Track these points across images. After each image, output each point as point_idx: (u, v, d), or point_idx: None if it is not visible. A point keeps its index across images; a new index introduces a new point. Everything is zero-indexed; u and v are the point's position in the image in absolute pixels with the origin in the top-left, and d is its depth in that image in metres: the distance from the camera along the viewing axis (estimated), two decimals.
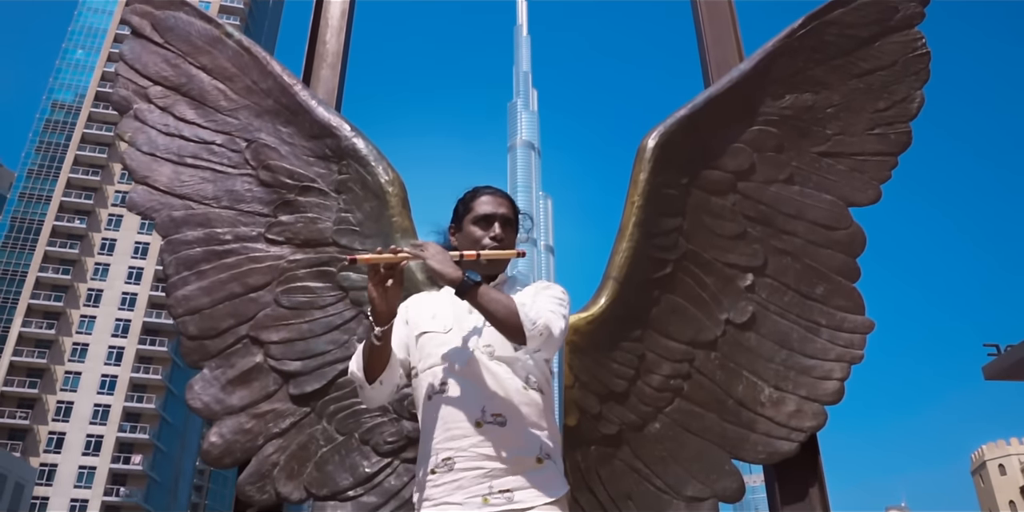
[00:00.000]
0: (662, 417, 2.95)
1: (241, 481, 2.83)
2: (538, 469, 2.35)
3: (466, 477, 2.31)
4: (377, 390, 2.45)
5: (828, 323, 3.07)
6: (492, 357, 2.42)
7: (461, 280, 2.29)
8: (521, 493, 2.30)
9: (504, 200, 2.64)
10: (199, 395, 2.94)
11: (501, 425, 2.35)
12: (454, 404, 2.39)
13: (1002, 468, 78.34)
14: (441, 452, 2.36)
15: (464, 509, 2.29)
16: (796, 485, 2.93)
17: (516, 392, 2.39)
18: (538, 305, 2.33)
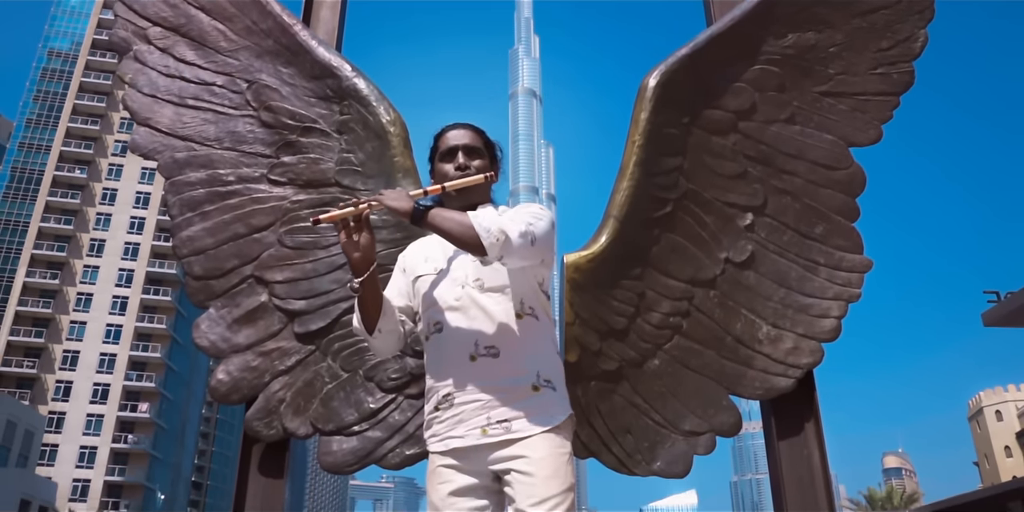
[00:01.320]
0: (661, 354, 3.00)
1: (249, 417, 2.89)
2: (535, 397, 2.39)
3: (465, 410, 2.37)
4: (380, 339, 2.50)
5: (826, 262, 3.09)
6: (483, 290, 2.45)
7: (412, 209, 2.30)
8: (519, 422, 2.35)
9: (467, 131, 2.65)
10: (206, 334, 2.99)
11: (495, 356, 2.39)
12: (449, 341, 2.43)
13: (999, 414, 79.18)
14: (441, 389, 2.42)
15: (465, 441, 2.36)
16: (792, 420, 2.99)
17: (508, 322, 2.43)
18: (500, 218, 2.34)
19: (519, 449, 2.33)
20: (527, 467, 2.31)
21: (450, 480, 2.36)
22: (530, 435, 2.34)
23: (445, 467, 2.38)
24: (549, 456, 2.33)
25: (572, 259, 2.94)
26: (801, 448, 2.93)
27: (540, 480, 2.30)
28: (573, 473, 2.39)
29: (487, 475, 2.37)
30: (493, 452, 2.35)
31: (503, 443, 2.35)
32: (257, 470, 2.88)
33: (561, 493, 2.30)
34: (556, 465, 2.33)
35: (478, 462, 2.37)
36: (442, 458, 2.40)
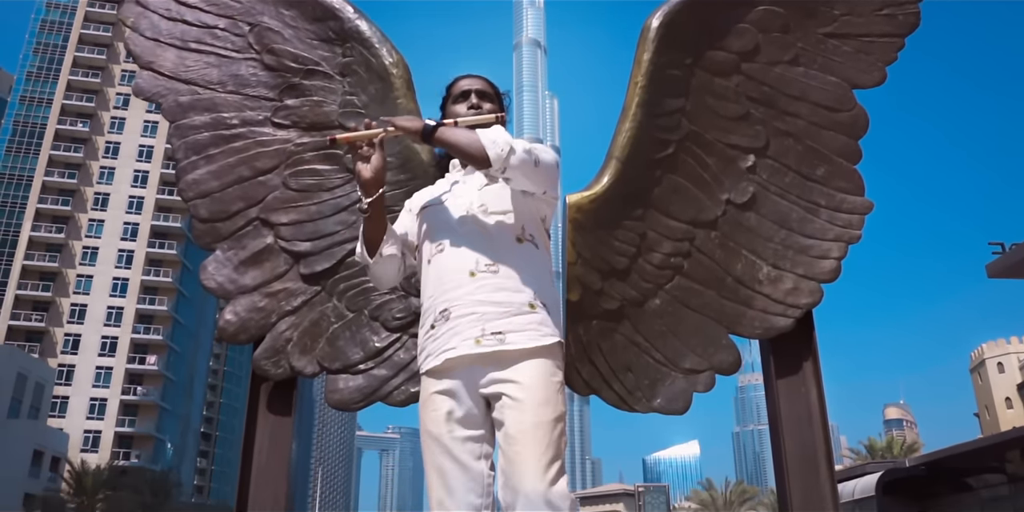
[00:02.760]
0: (662, 293, 3.04)
1: (257, 356, 2.95)
2: (530, 314, 2.44)
3: (461, 323, 2.42)
4: (381, 264, 2.56)
5: (827, 204, 3.11)
6: (486, 213, 2.52)
7: (423, 126, 2.41)
8: (513, 335, 2.39)
9: (479, 79, 2.76)
10: (213, 275, 3.03)
11: (494, 273, 2.45)
12: (450, 259, 2.49)
13: (1001, 366, 79.57)
14: (439, 305, 2.47)
15: (458, 351, 2.40)
16: (791, 360, 3.03)
17: (510, 245, 2.50)
18: (507, 135, 2.43)
19: (511, 373, 2.37)
20: (518, 393, 2.35)
21: (444, 407, 2.40)
22: (523, 348, 2.38)
23: (439, 394, 2.42)
24: (540, 383, 2.37)
25: (575, 199, 2.96)
26: (799, 387, 2.98)
27: (530, 407, 2.33)
28: (564, 402, 2.43)
29: (479, 401, 2.41)
30: (485, 372, 2.39)
31: (495, 359, 2.38)
32: (266, 408, 2.94)
33: (551, 420, 2.33)
34: (547, 392, 2.36)
35: (470, 382, 2.40)
36: (436, 383, 2.44)
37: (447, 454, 2.37)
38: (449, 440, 2.38)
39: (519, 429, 2.31)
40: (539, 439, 2.30)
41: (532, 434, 2.31)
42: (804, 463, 2.88)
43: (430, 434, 2.43)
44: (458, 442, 2.38)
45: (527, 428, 2.31)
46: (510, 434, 2.32)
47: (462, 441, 2.38)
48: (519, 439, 2.31)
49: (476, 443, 2.38)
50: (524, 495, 2.26)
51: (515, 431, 2.31)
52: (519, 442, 2.31)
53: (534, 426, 2.31)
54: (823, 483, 2.87)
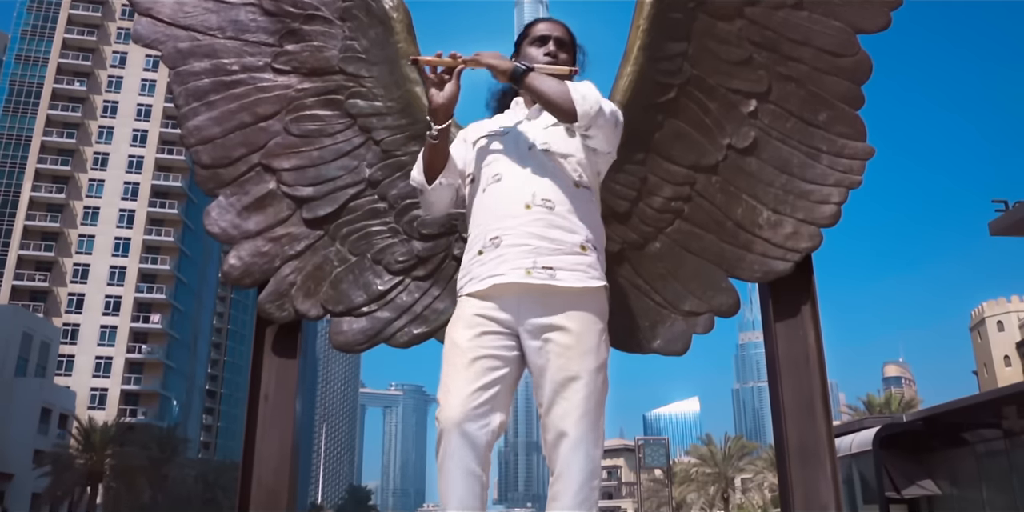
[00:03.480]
0: (662, 237, 3.06)
1: (261, 300, 2.98)
2: (582, 255, 2.47)
3: (512, 252, 2.43)
4: (437, 192, 2.60)
5: (829, 149, 3.11)
6: (547, 152, 2.54)
7: (514, 67, 2.44)
8: (563, 273, 2.42)
9: (562, 26, 2.76)
10: (216, 221, 3.05)
11: (550, 209, 2.47)
12: (507, 190, 2.51)
13: (1000, 325, 79.89)
14: (490, 232, 2.48)
15: (507, 278, 2.41)
16: (790, 303, 3.06)
17: (568, 186, 2.52)
18: (596, 91, 2.47)
19: (559, 319, 2.40)
20: (565, 339, 2.39)
21: (479, 327, 2.42)
22: (573, 287, 2.41)
23: (478, 315, 2.44)
24: (588, 330, 2.42)
25: None
26: (797, 329, 3.01)
27: (577, 354, 2.39)
28: (607, 348, 2.49)
29: (516, 340, 2.44)
30: (532, 311, 2.41)
31: (543, 293, 2.40)
32: (271, 351, 2.99)
33: (595, 369, 2.40)
34: (592, 341, 2.42)
35: (516, 316, 2.42)
36: (478, 304, 2.45)
37: (464, 357, 2.40)
38: (472, 350, 2.40)
39: (564, 376, 2.37)
40: (581, 389, 2.38)
41: (577, 382, 2.37)
42: (801, 405, 2.92)
43: (455, 343, 2.45)
44: (480, 357, 2.40)
45: (572, 376, 2.37)
46: (555, 380, 2.38)
47: (484, 358, 2.40)
48: (562, 387, 2.38)
49: (494, 369, 2.41)
50: (565, 440, 2.36)
51: (560, 378, 2.37)
52: (562, 391, 2.38)
53: (578, 374, 2.38)
54: (819, 425, 2.91)
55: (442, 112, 2.46)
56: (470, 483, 2.36)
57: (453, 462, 2.34)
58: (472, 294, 2.48)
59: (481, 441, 2.35)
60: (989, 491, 22.93)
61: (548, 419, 2.40)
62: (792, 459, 2.89)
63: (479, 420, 2.35)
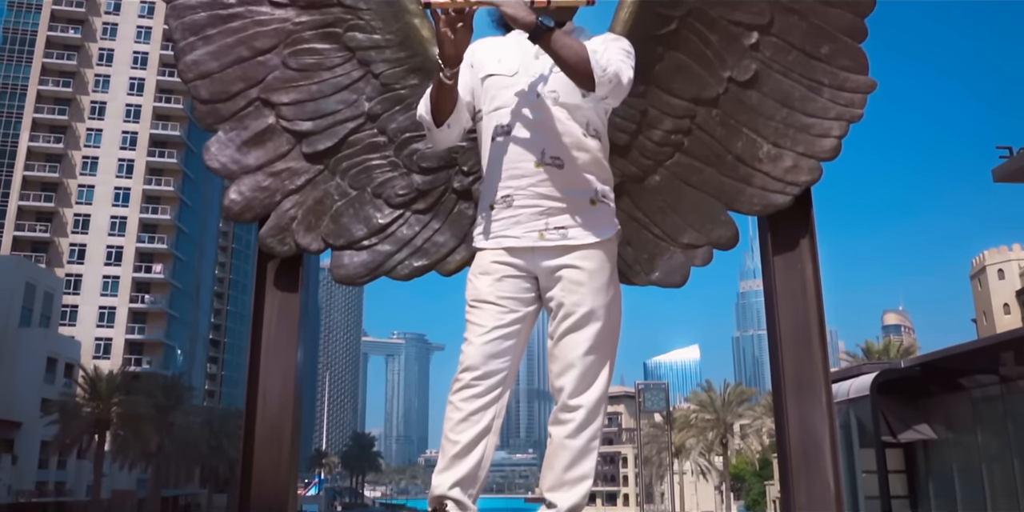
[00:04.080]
0: (662, 170, 3.06)
1: (263, 234, 3.00)
2: (592, 210, 2.52)
3: (524, 213, 2.49)
4: (445, 133, 2.59)
5: (830, 82, 3.09)
6: (556, 103, 2.52)
7: (535, 24, 2.34)
8: (574, 230, 2.48)
9: None
10: (216, 156, 3.05)
11: (559, 167, 2.49)
12: (517, 145, 2.52)
13: (1001, 273, 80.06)
14: (501, 190, 2.52)
15: (521, 242, 2.49)
16: (788, 236, 3.07)
17: (575, 137, 2.52)
18: (609, 54, 2.41)
19: (573, 259, 2.47)
20: (578, 276, 2.46)
21: (498, 273, 2.50)
22: (584, 244, 2.48)
23: (497, 263, 2.51)
24: (599, 269, 2.49)
25: None
26: (795, 262, 3.03)
27: (589, 291, 2.46)
28: (618, 285, 2.58)
29: (533, 282, 2.52)
30: (547, 259, 2.49)
31: (558, 249, 2.48)
32: (273, 285, 3.01)
33: (606, 304, 2.48)
34: (604, 279, 2.49)
35: (530, 265, 2.50)
36: (493, 254, 2.52)
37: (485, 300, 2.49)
38: (492, 294, 2.49)
39: (579, 313, 2.45)
40: (592, 324, 2.46)
41: (590, 317, 2.45)
42: (798, 337, 2.95)
43: (476, 289, 2.53)
44: (501, 298, 2.49)
45: (585, 312, 2.45)
46: (566, 315, 2.46)
47: (504, 299, 2.49)
48: (573, 322, 2.46)
49: (514, 310, 2.49)
50: (572, 371, 2.44)
51: (574, 315, 2.45)
52: (572, 325, 2.46)
53: (591, 310, 2.46)
54: (815, 357, 2.95)
55: (454, 57, 2.41)
56: (482, 419, 2.43)
57: (469, 390, 2.42)
58: (486, 248, 2.55)
59: (500, 374, 2.44)
60: (984, 436, 23.24)
61: (557, 350, 2.48)
62: (788, 390, 2.93)
63: (500, 355, 2.43)
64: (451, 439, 2.41)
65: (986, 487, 22.71)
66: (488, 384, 2.43)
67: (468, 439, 2.39)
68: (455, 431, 2.41)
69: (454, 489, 2.37)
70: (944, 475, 24.81)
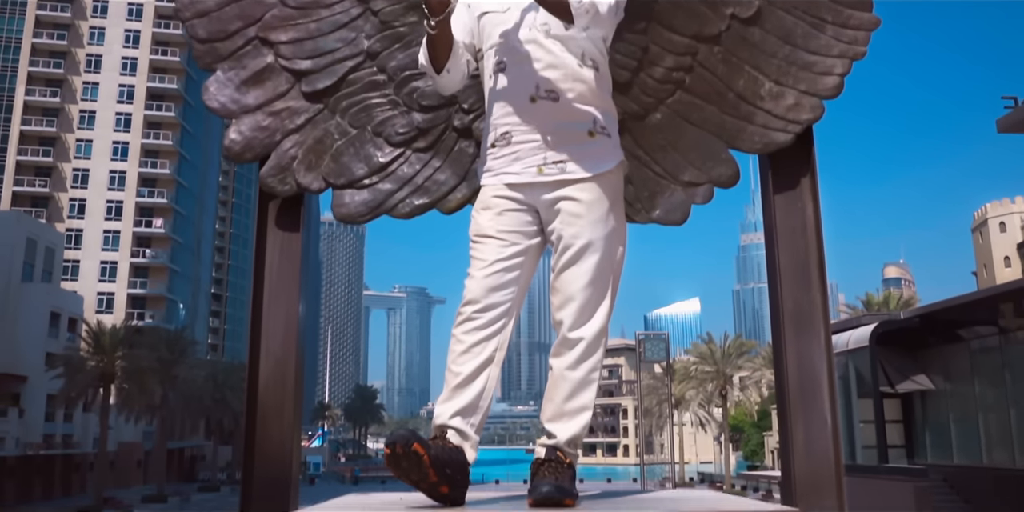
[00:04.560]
0: (663, 108, 3.04)
1: (263, 174, 2.99)
2: (590, 142, 2.53)
3: (522, 149, 2.51)
4: (447, 78, 2.61)
5: (834, 20, 3.05)
6: (548, 35, 2.52)
7: None
8: (573, 164, 2.49)
9: None
10: (215, 96, 3.03)
11: (554, 100, 2.49)
12: (511, 81, 2.53)
13: (1003, 225, 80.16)
14: (499, 127, 2.54)
15: (520, 177, 2.51)
16: (789, 175, 3.06)
17: (570, 69, 2.52)
18: None
19: (572, 191, 2.49)
20: (576, 208, 2.48)
21: (499, 206, 2.53)
22: (583, 178, 2.49)
23: (497, 197, 2.54)
24: (598, 201, 2.50)
25: None
26: (796, 201, 3.02)
27: (587, 223, 2.48)
28: (620, 218, 2.59)
29: (535, 216, 2.54)
30: (546, 192, 2.50)
31: (557, 183, 2.49)
32: (275, 225, 3.01)
33: (605, 236, 2.50)
34: (603, 210, 2.51)
35: (530, 199, 2.52)
36: (495, 189, 2.55)
37: (487, 234, 2.52)
38: (494, 228, 2.52)
39: (578, 244, 2.47)
40: (591, 256, 2.48)
41: (588, 249, 2.47)
42: (797, 273, 2.96)
43: (478, 224, 2.56)
44: (502, 232, 2.52)
45: (584, 245, 2.47)
46: (567, 247, 2.48)
47: (506, 233, 2.52)
48: (573, 254, 2.48)
49: (516, 243, 2.51)
50: (572, 303, 2.46)
51: (571, 245, 2.47)
52: (572, 257, 2.48)
53: (589, 242, 2.47)
54: (814, 293, 2.96)
55: (436, 5, 2.38)
56: (484, 350, 2.45)
57: (471, 323, 2.46)
58: (488, 185, 2.58)
59: (503, 306, 2.47)
60: (981, 386, 23.53)
61: (557, 283, 2.50)
62: (787, 327, 2.95)
63: (502, 287, 2.46)
64: (453, 370, 2.45)
65: (982, 436, 23.07)
66: (490, 316, 2.46)
67: (470, 370, 2.42)
68: (457, 363, 2.44)
69: (455, 418, 2.40)
70: (941, 425, 25.19)
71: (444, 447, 2.33)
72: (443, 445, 2.34)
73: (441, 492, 2.31)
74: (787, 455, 2.83)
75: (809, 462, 2.77)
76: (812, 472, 2.74)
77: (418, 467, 2.24)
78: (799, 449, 2.79)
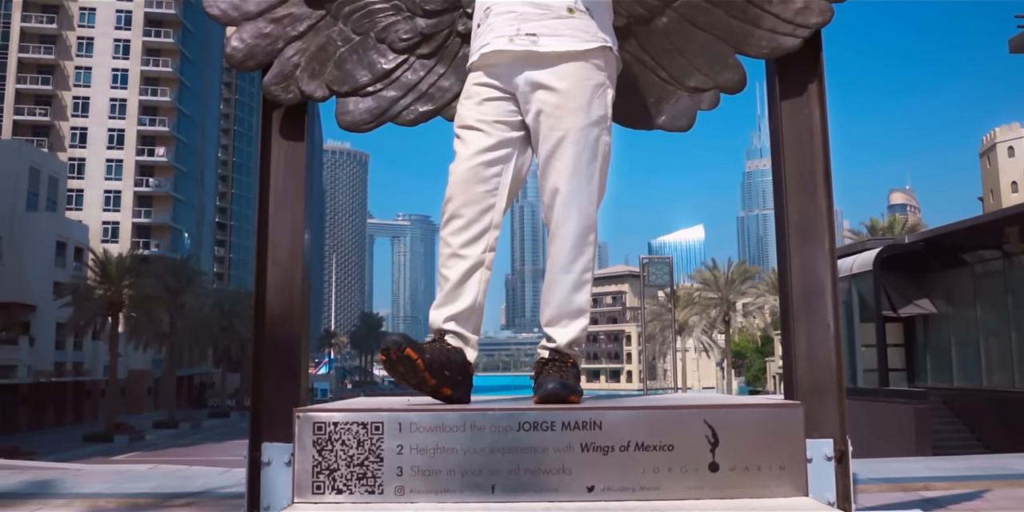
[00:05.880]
0: (669, 11, 2.98)
1: (266, 82, 2.97)
2: (569, 18, 2.44)
3: (498, 21, 2.45)
4: None
5: None
6: None
7: None
8: (547, 39, 2.40)
9: None
10: (216, 2, 2.98)
11: None
12: None
13: (1011, 150, 79.44)
14: (484, 3, 2.50)
15: (491, 47, 2.44)
16: (796, 81, 3.02)
17: None
18: None
19: (547, 77, 2.40)
20: (553, 98, 2.40)
21: (480, 95, 2.48)
22: (556, 51, 2.40)
23: (477, 85, 2.49)
24: (576, 88, 2.41)
25: None
26: (803, 107, 2.99)
27: (566, 113, 2.39)
28: (604, 105, 2.47)
29: (515, 101, 2.47)
30: (520, 70, 2.42)
31: (528, 59, 2.41)
32: (279, 134, 3.00)
33: (585, 125, 2.40)
34: (583, 98, 2.41)
35: (508, 79, 2.45)
36: (476, 76, 2.50)
37: (469, 123, 2.47)
38: (474, 117, 2.46)
39: (554, 135, 2.39)
40: (571, 147, 2.39)
41: (565, 141, 2.39)
42: (803, 180, 2.95)
43: (460, 115, 2.51)
44: (484, 121, 2.46)
45: (561, 135, 2.39)
46: (547, 140, 2.40)
47: (488, 122, 2.46)
48: (554, 147, 2.40)
49: (499, 131, 2.46)
50: (557, 198, 2.40)
51: (550, 138, 2.40)
52: (554, 150, 2.40)
53: (567, 133, 2.39)
54: (820, 200, 2.96)
55: None
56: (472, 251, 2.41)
57: (456, 222, 2.42)
58: (472, 67, 2.52)
59: (487, 200, 2.42)
60: (983, 310, 23.67)
61: (542, 180, 2.43)
62: (791, 234, 2.96)
63: (484, 180, 2.41)
64: (444, 274, 2.43)
65: (982, 360, 23.32)
66: (474, 212, 2.40)
67: (459, 274, 2.40)
68: (446, 266, 2.42)
69: (449, 322, 2.39)
70: (942, 348, 25.44)
71: (442, 349, 2.32)
72: (440, 347, 2.33)
73: (444, 394, 2.30)
74: (789, 359, 2.87)
75: (811, 365, 2.81)
76: (814, 374, 2.79)
77: (414, 371, 2.24)
78: (801, 352, 2.83)
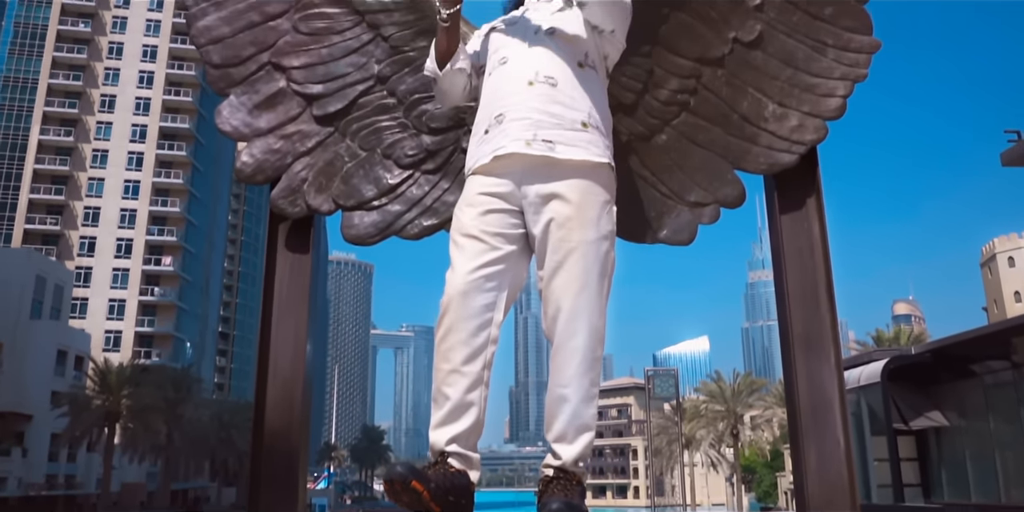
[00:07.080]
0: (669, 129, 3.08)
1: (274, 196, 3.04)
2: (583, 131, 2.47)
3: (513, 126, 2.45)
4: (449, 78, 2.62)
5: (834, 43, 3.10)
6: (553, 35, 2.56)
7: None
8: (563, 147, 2.42)
9: None
10: (228, 120, 3.09)
11: (552, 85, 2.49)
12: (511, 70, 2.54)
13: (1011, 260, 79.76)
14: (494, 111, 2.51)
15: (507, 149, 2.43)
16: (794, 195, 3.09)
17: (572, 65, 2.54)
18: None
19: (560, 187, 2.41)
20: (566, 210, 2.40)
21: (484, 206, 2.45)
22: (571, 159, 2.41)
23: (482, 195, 2.46)
24: (588, 203, 2.42)
25: None
26: (802, 221, 3.05)
27: (576, 225, 2.39)
28: (611, 222, 2.48)
29: (520, 217, 2.46)
30: (533, 179, 2.42)
31: (544, 164, 2.41)
32: (284, 246, 3.05)
33: (595, 240, 2.40)
34: (593, 213, 2.42)
35: (516, 186, 2.43)
36: (483, 180, 2.47)
37: (468, 234, 2.43)
38: (476, 227, 2.43)
39: (563, 247, 2.38)
40: (580, 260, 2.38)
41: (574, 254, 2.38)
42: (805, 294, 2.97)
43: (460, 222, 2.48)
44: (484, 233, 2.42)
45: (571, 247, 2.38)
46: (555, 252, 2.39)
47: (488, 235, 2.42)
48: (562, 259, 2.38)
49: (499, 247, 2.43)
50: (564, 311, 2.36)
51: (559, 249, 2.38)
52: (561, 262, 2.38)
53: (577, 246, 2.38)
54: (823, 313, 2.97)
55: None
56: (472, 368, 2.37)
57: (454, 336, 2.37)
58: (476, 171, 2.50)
59: (485, 315, 2.37)
60: (996, 422, 23.20)
61: (548, 292, 2.39)
62: (796, 348, 2.95)
63: (483, 293, 2.36)
64: (444, 392, 2.37)
65: (999, 474, 22.69)
66: (473, 326, 2.36)
67: (460, 393, 2.35)
68: (447, 384, 2.36)
69: (452, 444, 2.35)
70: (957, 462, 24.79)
71: (445, 473, 2.28)
72: (444, 472, 2.29)
73: None
74: (800, 475, 2.82)
75: (823, 481, 2.75)
76: (827, 490, 2.73)
77: (419, 501, 2.20)
78: (812, 468, 2.78)
